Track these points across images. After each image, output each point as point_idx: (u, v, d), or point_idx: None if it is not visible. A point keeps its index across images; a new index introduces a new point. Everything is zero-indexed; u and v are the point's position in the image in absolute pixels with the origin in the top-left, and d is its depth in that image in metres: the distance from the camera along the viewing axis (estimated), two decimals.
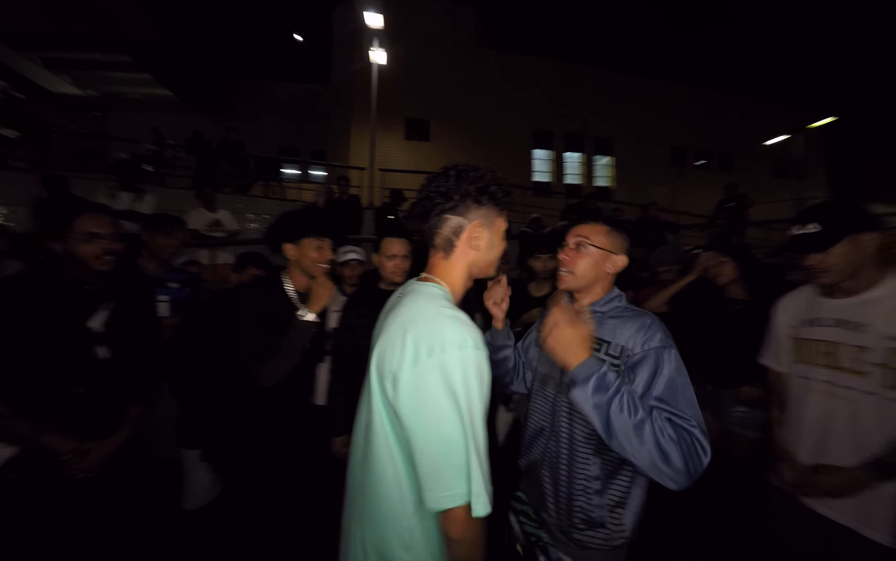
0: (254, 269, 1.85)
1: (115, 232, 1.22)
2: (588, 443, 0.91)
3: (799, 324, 1.17)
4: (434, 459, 0.63)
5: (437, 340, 0.64)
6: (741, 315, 1.71)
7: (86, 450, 1.13)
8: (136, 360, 1.30)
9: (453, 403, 0.62)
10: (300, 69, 13.11)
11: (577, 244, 0.97)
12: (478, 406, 0.65)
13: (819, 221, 1.03)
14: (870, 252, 1.01)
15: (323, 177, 11.32)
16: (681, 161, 13.20)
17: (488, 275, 0.83)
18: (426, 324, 0.67)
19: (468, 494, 0.62)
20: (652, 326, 0.89)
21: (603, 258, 0.96)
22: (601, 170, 12.72)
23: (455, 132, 11.19)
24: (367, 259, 2.24)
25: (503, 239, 0.81)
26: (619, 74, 12.63)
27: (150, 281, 1.71)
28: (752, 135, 13.08)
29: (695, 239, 6.62)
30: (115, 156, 4.77)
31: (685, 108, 13.13)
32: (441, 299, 0.72)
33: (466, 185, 0.73)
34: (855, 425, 1.00)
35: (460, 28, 11.27)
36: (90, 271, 1.18)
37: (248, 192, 7.23)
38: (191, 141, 7.32)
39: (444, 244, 0.76)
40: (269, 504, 1.27)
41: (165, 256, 1.91)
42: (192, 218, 4.09)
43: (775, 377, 1.28)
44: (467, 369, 0.64)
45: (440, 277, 0.77)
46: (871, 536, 0.95)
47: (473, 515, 0.63)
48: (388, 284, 1.67)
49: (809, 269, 1.07)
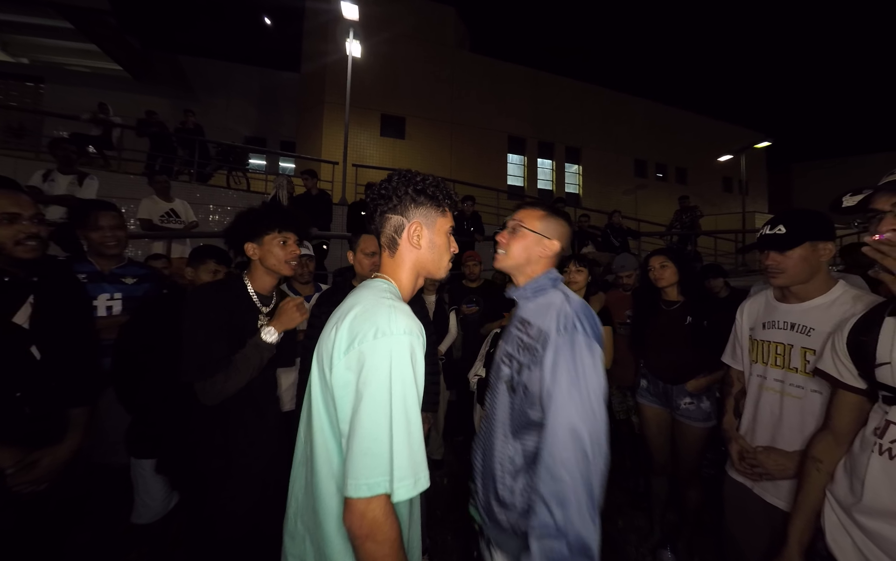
0: (213, 264, 1.72)
1: (36, 213, 1.09)
2: (506, 422, 0.91)
3: (756, 326, 1.27)
4: (356, 444, 0.61)
5: (370, 327, 0.66)
6: (676, 315, 1.88)
7: (33, 461, 1.00)
8: (72, 359, 1.16)
9: (380, 389, 0.62)
10: (268, 55, 12.47)
11: (513, 227, 1.01)
12: (409, 390, 0.65)
13: (786, 224, 1.10)
14: (825, 260, 1.09)
15: (292, 169, 10.85)
16: (642, 173, 14.07)
17: (439, 275, 0.86)
18: (363, 311, 0.69)
19: (387, 484, 0.60)
20: (569, 308, 0.85)
21: (536, 242, 0.98)
22: (571, 177, 13.24)
23: (431, 132, 11.16)
24: (341, 254, 2.17)
25: (448, 238, 0.85)
26: (589, 86, 13.23)
27: (69, 266, 1.53)
28: (704, 151, 14.24)
29: (655, 245, 7.08)
30: (53, 134, 4.28)
31: (647, 123, 14.02)
32: (384, 292, 0.74)
33: (405, 186, 0.79)
34: (803, 421, 1.10)
35: (439, 28, 11.27)
36: (9, 259, 1.04)
37: (209, 182, 6.77)
38: (142, 122, 6.71)
39: (388, 243, 0.81)
40: (233, 517, 1.18)
41: (108, 251, 1.70)
42: (145, 207, 3.79)
43: (734, 374, 1.39)
44: (398, 355, 0.64)
45: (388, 275, 0.82)
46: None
47: (394, 498, 0.60)
48: (361, 281, 1.63)
49: (768, 268, 1.16)
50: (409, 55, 10.80)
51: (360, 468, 0.60)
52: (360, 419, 0.62)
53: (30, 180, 3.28)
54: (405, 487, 0.61)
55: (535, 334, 0.88)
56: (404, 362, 0.65)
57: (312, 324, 1.59)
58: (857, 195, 0.86)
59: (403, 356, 0.65)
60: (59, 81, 10.03)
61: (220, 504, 1.16)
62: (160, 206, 3.83)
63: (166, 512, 1.58)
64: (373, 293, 0.74)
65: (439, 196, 0.82)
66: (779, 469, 1.12)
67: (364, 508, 0.59)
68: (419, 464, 0.64)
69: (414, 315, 0.72)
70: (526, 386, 0.87)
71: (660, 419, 1.90)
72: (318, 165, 7.42)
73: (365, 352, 0.64)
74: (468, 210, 5.81)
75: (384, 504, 0.60)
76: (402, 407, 0.63)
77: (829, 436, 0.95)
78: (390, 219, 0.80)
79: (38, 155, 5.94)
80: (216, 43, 14.91)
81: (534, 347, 0.87)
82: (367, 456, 0.60)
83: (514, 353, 0.94)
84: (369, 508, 0.59)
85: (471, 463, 1.04)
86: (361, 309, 0.70)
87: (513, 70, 12.18)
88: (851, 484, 0.84)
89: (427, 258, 0.82)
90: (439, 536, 2.03)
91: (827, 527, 0.87)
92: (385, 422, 0.61)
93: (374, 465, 0.60)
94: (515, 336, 0.96)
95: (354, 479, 0.60)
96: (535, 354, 0.86)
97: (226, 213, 5.83)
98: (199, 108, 9.28)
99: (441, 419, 2.83)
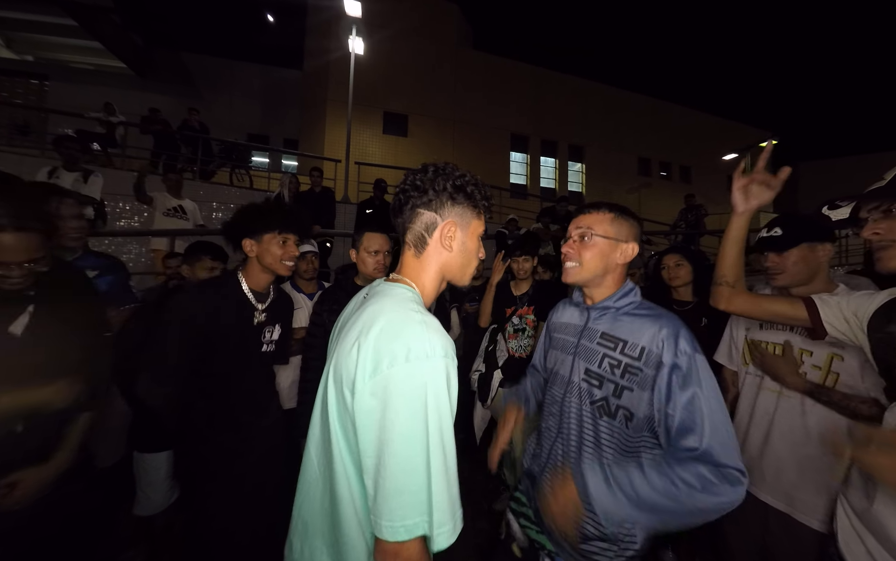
0: (209, 260, 1.71)
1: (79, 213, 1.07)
2: (597, 448, 0.85)
3: (753, 326, 1.27)
4: (388, 482, 0.54)
5: (401, 348, 0.57)
6: (689, 316, 1.82)
7: (11, 483, 0.93)
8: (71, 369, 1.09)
9: (415, 420, 0.55)
10: (271, 52, 12.49)
11: (582, 235, 0.91)
12: (446, 422, 0.58)
13: (782, 227, 1.13)
14: (823, 261, 1.10)
15: (295, 167, 10.85)
16: (646, 171, 13.97)
17: (463, 282, 0.78)
18: (390, 329, 0.60)
19: (427, 525, 0.54)
20: (676, 326, 0.82)
21: (611, 248, 0.89)
22: (574, 175, 13.18)
23: (434, 129, 11.14)
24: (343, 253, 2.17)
25: (479, 243, 0.78)
26: (592, 84, 13.13)
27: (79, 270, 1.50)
28: (709, 150, 14.11)
29: (659, 244, 7.03)
30: (57, 131, 4.31)
31: (651, 121, 13.91)
32: (410, 302, 0.66)
33: (443, 181, 0.70)
34: (797, 419, 1.10)
35: (442, 26, 11.22)
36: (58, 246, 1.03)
37: (212, 179, 6.79)
38: (146, 120, 6.74)
39: (416, 241, 0.72)
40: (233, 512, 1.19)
41: (68, 242, 1.60)
42: (157, 202, 3.89)
43: (728, 376, 1.39)
44: (434, 381, 0.57)
45: (411, 278, 0.73)
46: (802, 520, 1.06)
47: (434, 548, 0.55)
48: (365, 280, 1.63)
49: (768, 270, 1.17)
50: (412, 53, 10.76)
51: (395, 508, 0.54)
52: (392, 453, 0.55)
53: (35, 177, 3.30)
54: (446, 533, 0.55)
55: (635, 353, 0.83)
56: (441, 389, 0.57)
57: (314, 322, 1.60)
58: (839, 209, 0.89)
59: (440, 382, 0.57)
60: (63, 79, 10.09)
61: (214, 501, 1.17)
62: (169, 201, 3.92)
63: (168, 505, 1.60)
64: (397, 304, 0.65)
65: (478, 196, 0.73)
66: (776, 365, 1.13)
67: (399, 549, 0.54)
68: (456, 504, 0.58)
69: (444, 330, 0.64)
70: (629, 409, 0.82)
71: None
72: (320, 163, 7.43)
73: (395, 377, 0.56)
74: None
75: (420, 546, 0.55)
76: (439, 440, 0.56)
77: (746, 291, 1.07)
78: (422, 215, 0.71)
79: (44, 152, 5.98)
80: (219, 40, 14.93)
81: (637, 368, 0.82)
82: (402, 495, 0.54)
83: (606, 373, 0.86)
84: (404, 548, 0.54)
85: (526, 483, 0.99)
86: (387, 323, 0.61)
87: (516, 67, 12.11)
88: (867, 490, 0.82)
89: (456, 263, 0.74)
90: None
91: (839, 532, 0.86)
92: (422, 457, 0.55)
93: (411, 504, 0.54)
94: (602, 354, 0.88)
95: (390, 520, 0.54)
96: (638, 374, 0.81)
97: (229, 210, 5.85)
98: (202, 105, 9.30)
99: None
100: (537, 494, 0.93)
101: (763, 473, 1.16)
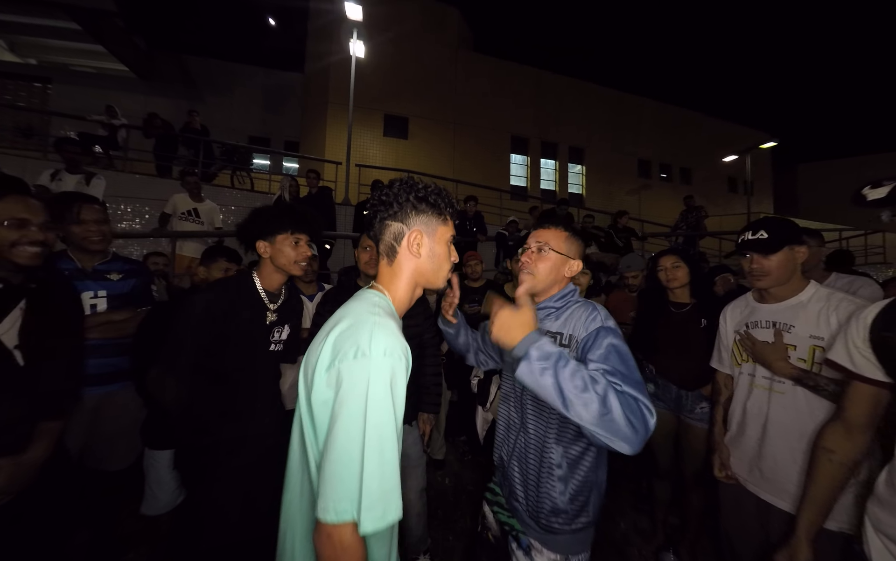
0: (224, 262, 1.75)
1: (46, 220, 1.05)
2: (549, 431, 0.97)
3: (741, 327, 1.31)
4: (328, 466, 0.60)
5: (351, 345, 0.64)
6: (687, 317, 1.83)
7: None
8: (54, 369, 1.11)
9: (356, 413, 0.60)
10: (272, 55, 12.54)
11: (539, 248, 1.03)
12: (385, 417, 0.62)
13: (767, 230, 1.18)
14: (800, 262, 1.19)
15: (296, 169, 10.89)
16: (646, 173, 13.99)
17: (437, 285, 0.83)
18: (349, 327, 0.67)
19: (355, 512, 0.58)
20: (594, 311, 0.96)
21: (561, 263, 1.02)
22: (574, 177, 13.20)
23: (434, 132, 11.16)
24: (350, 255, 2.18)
25: (449, 247, 0.82)
26: (592, 86, 13.17)
27: (67, 277, 1.49)
28: (709, 152, 14.13)
29: (658, 246, 7.03)
30: (60, 133, 4.34)
31: (651, 123, 13.93)
32: (374, 306, 0.72)
33: (406, 193, 0.77)
34: (790, 414, 1.14)
35: (442, 28, 11.27)
36: (7, 263, 1.00)
37: (213, 182, 6.82)
38: (147, 123, 6.77)
39: (387, 250, 0.79)
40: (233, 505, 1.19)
41: (92, 246, 1.60)
42: (171, 202, 3.95)
43: (721, 379, 1.41)
44: (376, 379, 0.62)
45: (384, 285, 0.80)
46: None
47: (361, 530, 0.58)
48: (365, 281, 1.64)
49: (752, 271, 1.22)
50: (413, 55, 10.80)
51: (329, 491, 0.59)
52: (333, 441, 0.60)
53: (38, 180, 3.32)
54: (372, 518, 0.58)
55: (566, 342, 0.95)
56: (382, 387, 0.62)
57: (316, 323, 1.61)
58: (879, 187, 0.89)
59: (382, 380, 0.62)
60: (66, 82, 10.16)
61: (211, 500, 1.17)
62: (187, 203, 3.97)
63: (175, 505, 1.60)
64: (362, 307, 0.72)
65: (441, 204, 0.80)
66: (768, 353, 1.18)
67: (331, 531, 0.58)
68: (390, 494, 0.61)
69: (400, 334, 0.69)
70: None
71: (666, 424, 1.87)
72: (321, 165, 7.45)
73: (343, 371, 0.62)
74: (471, 210, 5.81)
75: (352, 531, 0.59)
76: (376, 434, 0.60)
77: (840, 427, 0.94)
78: (390, 226, 0.78)
79: (46, 155, 6.00)
80: (221, 43, 15.03)
81: (569, 348, 0.93)
82: (336, 479, 0.59)
83: None
84: (336, 531, 0.58)
85: (504, 472, 1.07)
86: (348, 324, 0.68)
87: (516, 70, 12.15)
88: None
89: (426, 268, 0.80)
90: (440, 535, 2.03)
91: (873, 553, 0.83)
92: (357, 448, 0.59)
93: (343, 490, 0.58)
94: None
95: (324, 501, 0.59)
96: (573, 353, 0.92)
97: (230, 212, 5.86)
98: (203, 107, 9.36)
99: (442, 419, 2.83)
100: (504, 480, 1.06)
101: (762, 472, 1.17)
